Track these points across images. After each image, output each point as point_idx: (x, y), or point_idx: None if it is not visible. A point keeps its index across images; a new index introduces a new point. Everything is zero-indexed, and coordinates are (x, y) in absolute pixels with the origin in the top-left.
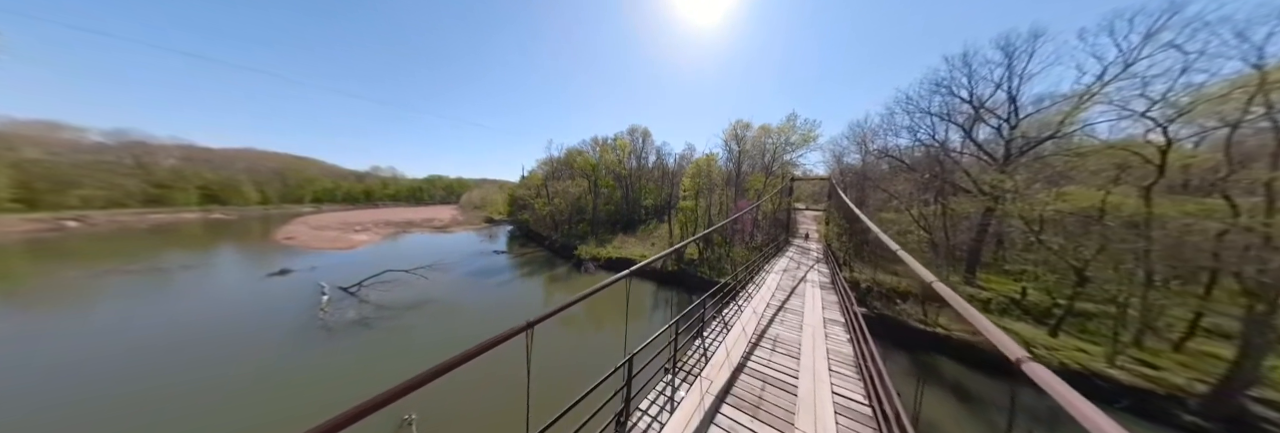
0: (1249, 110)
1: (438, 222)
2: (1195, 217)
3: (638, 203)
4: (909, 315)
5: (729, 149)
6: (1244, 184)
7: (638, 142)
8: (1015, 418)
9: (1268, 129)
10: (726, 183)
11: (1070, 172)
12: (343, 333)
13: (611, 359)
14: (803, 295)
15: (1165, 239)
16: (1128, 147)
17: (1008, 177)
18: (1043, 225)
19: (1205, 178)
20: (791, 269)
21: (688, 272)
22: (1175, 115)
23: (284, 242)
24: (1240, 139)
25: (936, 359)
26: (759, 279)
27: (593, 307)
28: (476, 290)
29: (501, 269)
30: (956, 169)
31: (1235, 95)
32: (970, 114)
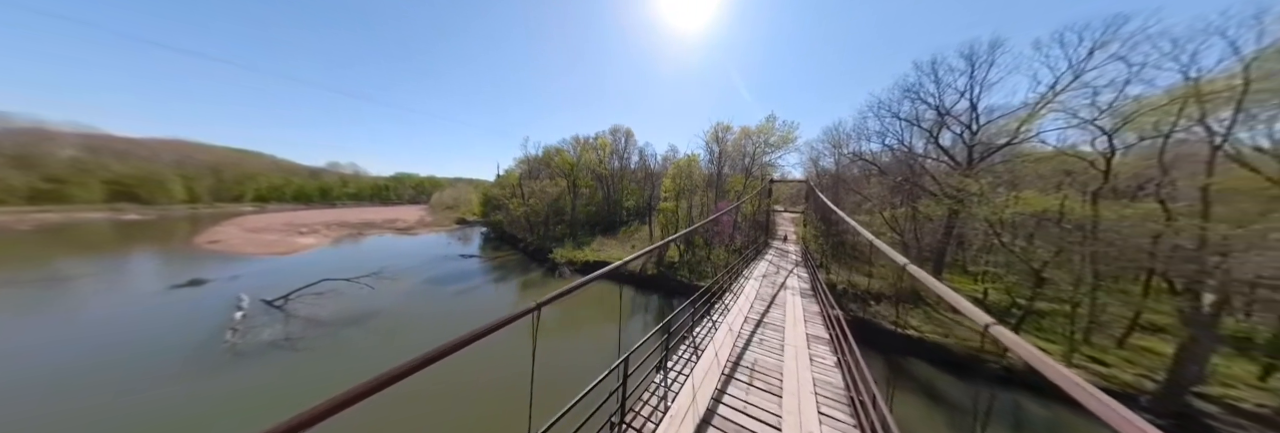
0: (1180, 120)
1: (402, 223)
2: (1132, 220)
3: (619, 204)
4: (883, 317)
5: (710, 150)
6: (1180, 189)
7: (620, 141)
8: (987, 418)
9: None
10: (708, 185)
11: (1027, 177)
12: (253, 358)
13: (589, 366)
14: (783, 306)
15: (1118, 241)
16: (1075, 153)
17: (973, 180)
18: (1003, 228)
19: (1143, 184)
20: (771, 274)
21: (668, 275)
22: (1119, 124)
23: (207, 246)
24: (1185, 147)
25: (910, 362)
26: (737, 287)
27: (570, 312)
28: (434, 300)
29: (468, 275)
30: (924, 173)
31: (1170, 106)
32: (936, 120)
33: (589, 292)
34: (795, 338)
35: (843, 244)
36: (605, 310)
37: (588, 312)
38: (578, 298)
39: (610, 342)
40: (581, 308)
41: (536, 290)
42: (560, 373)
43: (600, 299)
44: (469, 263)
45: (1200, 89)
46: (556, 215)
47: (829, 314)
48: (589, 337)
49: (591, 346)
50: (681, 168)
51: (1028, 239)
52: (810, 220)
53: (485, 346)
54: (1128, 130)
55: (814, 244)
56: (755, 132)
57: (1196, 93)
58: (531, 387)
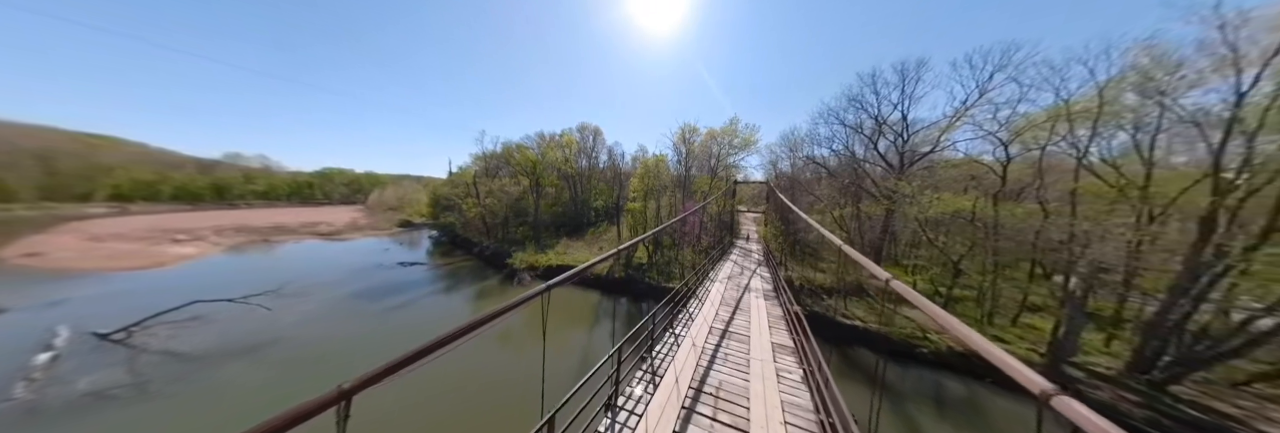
0: (1052, 134)
1: (328, 226)
2: (1020, 218)
3: (587, 205)
4: (833, 310)
5: (678, 151)
6: (1055, 192)
7: (588, 140)
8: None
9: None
10: (676, 185)
11: (945, 180)
12: (61, 418)
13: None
14: (748, 310)
15: (1013, 236)
16: (980, 161)
17: (906, 183)
18: (929, 226)
19: (1024, 187)
20: (736, 275)
21: (635, 278)
22: (1012, 137)
23: (18, 261)
24: (1058, 157)
25: (857, 351)
26: (703, 292)
27: (531, 321)
28: (358, 319)
29: (407, 285)
30: (865, 176)
31: (1047, 122)
32: (875, 128)
33: (554, 299)
34: (761, 350)
35: (799, 242)
36: (571, 317)
37: (551, 319)
38: (537, 305)
39: (574, 355)
40: (543, 315)
41: (491, 301)
42: (509, 392)
43: (564, 305)
44: (410, 272)
45: (1068, 109)
46: (518, 217)
47: (793, 322)
48: (554, 348)
49: (553, 359)
50: (650, 167)
51: (948, 235)
52: (771, 220)
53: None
54: (1017, 142)
55: (774, 243)
56: (720, 133)
57: (1066, 112)
58: (543, 370)
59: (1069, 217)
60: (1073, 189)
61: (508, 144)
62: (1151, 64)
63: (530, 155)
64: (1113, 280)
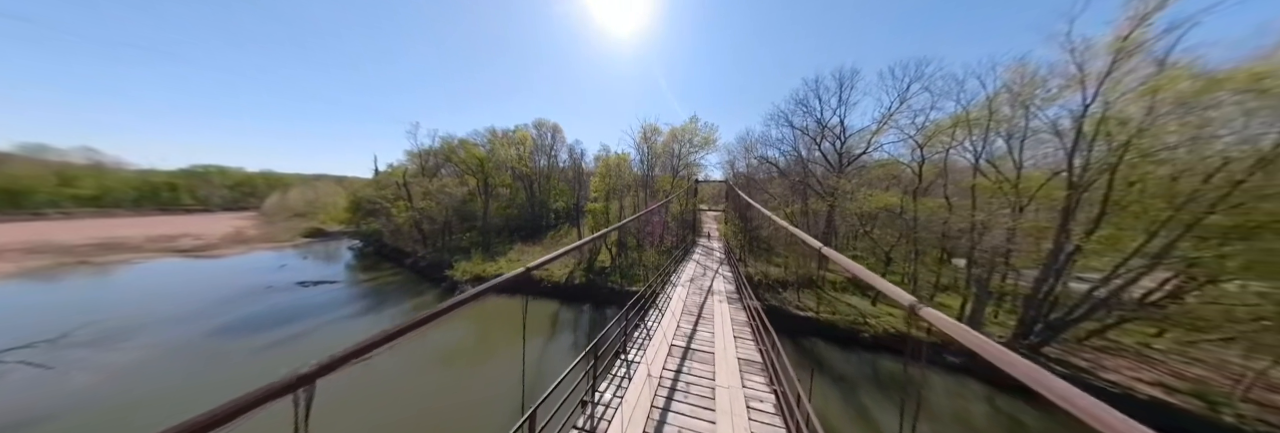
0: (954, 138)
1: (193, 240)
2: (930, 211)
3: (545, 206)
4: (789, 303)
5: (640, 151)
6: (963, 189)
7: (546, 137)
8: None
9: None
10: (640, 185)
11: (874, 179)
12: None
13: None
14: (711, 319)
15: (930, 227)
16: (901, 162)
17: (846, 181)
18: (866, 220)
19: (929, 185)
20: (698, 277)
21: (598, 283)
22: (925, 140)
23: None
24: (961, 158)
25: (812, 341)
26: (664, 301)
27: (485, 332)
28: (206, 368)
29: (303, 312)
30: (811, 175)
31: (951, 128)
32: (818, 130)
33: (507, 308)
34: (727, 372)
35: (757, 238)
36: (524, 331)
37: (501, 330)
38: (490, 315)
39: (517, 381)
40: (495, 325)
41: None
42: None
43: (514, 317)
44: (314, 293)
45: (967, 117)
46: (464, 221)
47: (759, 330)
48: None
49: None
50: (611, 166)
51: (880, 228)
52: (730, 218)
53: None
54: (930, 145)
55: (734, 241)
56: (681, 131)
57: (965, 119)
58: (523, 365)
59: (970, 210)
60: (971, 186)
61: (449, 140)
62: (1022, 81)
63: (477, 152)
64: (999, 262)
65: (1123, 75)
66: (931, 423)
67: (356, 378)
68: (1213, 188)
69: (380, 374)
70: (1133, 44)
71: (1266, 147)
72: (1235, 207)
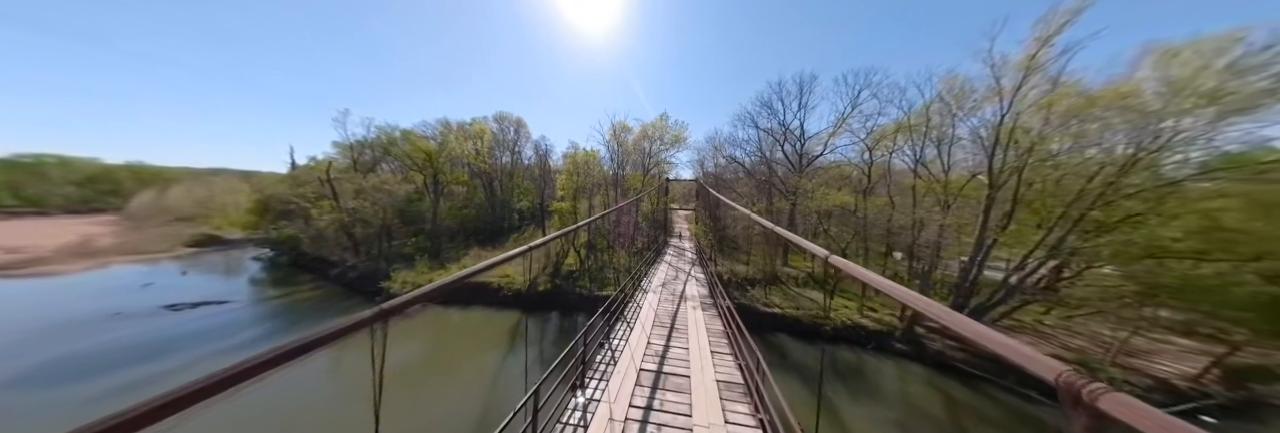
0: (896, 142)
1: (7, 253)
2: (877, 210)
3: (507, 206)
4: (756, 300)
5: (610, 149)
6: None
7: (508, 132)
8: (824, 373)
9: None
10: (610, 184)
11: (830, 180)
12: None
13: None
14: (685, 330)
15: (877, 224)
16: (852, 164)
17: (806, 181)
18: (824, 218)
19: (873, 186)
20: (670, 280)
21: (565, 289)
22: (873, 143)
23: None
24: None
25: (778, 336)
26: (634, 311)
27: (435, 351)
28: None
29: (169, 345)
30: (774, 175)
31: (895, 134)
32: (781, 132)
33: (461, 323)
34: (707, 407)
35: (726, 237)
36: (486, 342)
37: (461, 346)
38: (444, 330)
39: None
40: (449, 342)
41: (354, 355)
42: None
43: (478, 329)
44: (190, 318)
45: (909, 123)
46: (409, 224)
47: (737, 344)
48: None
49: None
50: (579, 164)
51: (837, 225)
52: (701, 217)
53: None
54: (877, 148)
55: (705, 240)
56: (651, 128)
57: (907, 125)
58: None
59: (910, 208)
60: (912, 186)
61: (388, 130)
62: (953, 92)
63: (424, 146)
64: (933, 255)
65: (1028, 90)
66: (880, 405)
67: (264, 409)
68: (1092, 189)
69: (296, 403)
70: (1038, 63)
71: (1123, 154)
72: (1107, 204)
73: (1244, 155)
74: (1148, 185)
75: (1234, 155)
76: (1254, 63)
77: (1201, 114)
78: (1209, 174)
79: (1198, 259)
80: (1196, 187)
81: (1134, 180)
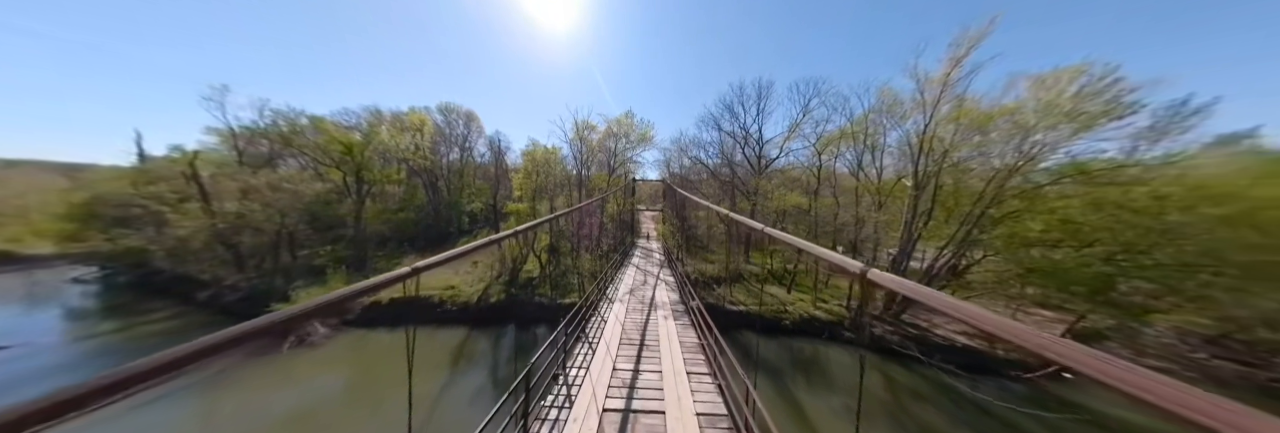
0: (841, 147)
1: None
2: (823, 207)
3: (455, 208)
4: (722, 299)
5: (573, 148)
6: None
7: (456, 125)
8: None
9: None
10: (574, 184)
11: (787, 181)
12: None
13: None
14: (657, 348)
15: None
16: (803, 166)
17: (765, 182)
18: (782, 217)
19: (817, 187)
20: (639, 287)
21: (520, 299)
22: (821, 147)
23: None
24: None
25: (744, 334)
26: (598, 326)
27: (367, 383)
28: None
29: None
30: (736, 177)
31: (840, 139)
32: (742, 135)
33: (392, 345)
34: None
35: (693, 237)
36: (423, 370)
37: (390, 375)
38: (373, 355)
39: None
40: (381, 369)
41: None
42: None
43: (417, 353)
44: None
45: (852, 130)
46: (326, 230)
47: (716, 365)
48: None
49: None
50: (538, 161)
51: (794, 225)
52: (668, 218)
53: None
54: (825, 152)
55: (672, 241)
56: (616, 124)
57: (850, 132)
58: None
59: (853, 207)
60: (856, 188)
61: (289, 116)
62: (887, 103)
63: (342, 136)
64: (872, 249)
65: (943, 104)
66: (837, 394)
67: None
68: (988, 191)
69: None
70: (951, 80)
71: (1009, 161)
72: (998, 204)
73: (1085, 163)
74: (1024, 188)
75: (1077, 163)
76: (1093, 90)
77: (1061, 129)
78: (1061, 179)
79: (1054, 246)
80: (1054, 188)
81: (1015, 183)
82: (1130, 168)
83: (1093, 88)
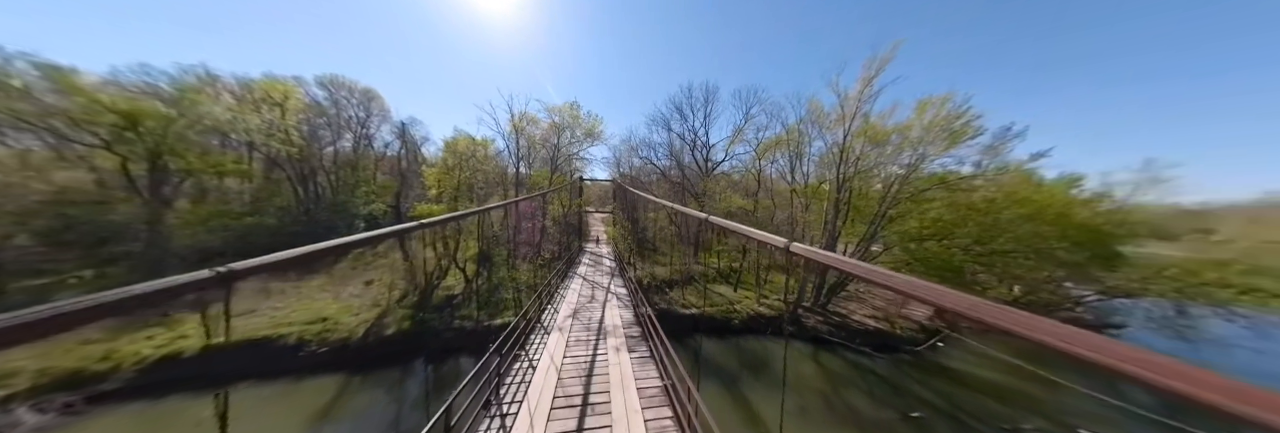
0: (775, 152)
1: None
2: (768, 209)
3: (345, 210)
4: (674, 302)
5: (510, 141)
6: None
7: (348, 106)
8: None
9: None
10: (512, 183)
11: (732, 184)
12: None
13: None
14: (610, 402)
15: (768, 222)
16: (747, 170)
17: (713, 183)
18: (730, 217)
19: (762, 190)
20: (585, 305)
21: (434, 326)
22: (761, 152)
23: None
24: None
25: (698, 339)
26: (526, 366)
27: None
28: None
29: None
30: (684, 178)
31: (777, 146)
32: (691, 137)
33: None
34: None
35: (645, 240)
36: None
37: None
38: None
39: None
40: None
41: None
42: None
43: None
44: None
45: (788, 137)
46: (95, 245)
47: (685, 418)
48: None
49: None
50: (462, 153)
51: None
52: (619, 220)
53: None
54: (765, 157)
55: (623, 244)
56: (559, 114)
57: (785, 140)
58: None
59: (788, 208)
60: (791, 191)
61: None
62: (815, 114)
63: (113, 101)
64: None
65: (857, 118)
66: (789, 393)
67: None
68: (888, 195)
69: None
70: (865, 96)
71: (902, 170)
72: (895, 205)
73: (944, 174)
74: (910, 193)
75: (940, 174)
76: (954, 113)
77: (936, 144)
78: (931, 186)
79: (926, 240)
80: (929, 193)
81: (906, 189)
82: (974, 179)
83: (955, 111)
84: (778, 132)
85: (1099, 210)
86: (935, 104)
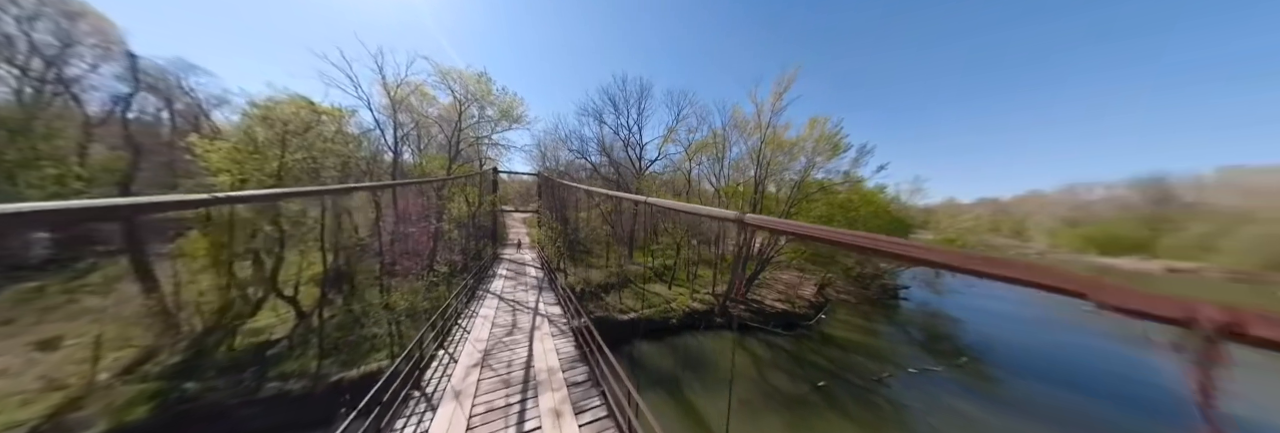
0: (702, 154)
1: None
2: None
3: None
4: (612, 308)
5: (383, 115)
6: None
7: (6, 21)
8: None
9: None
10: (386, 171)
11: (666, 183)
12: None
13: None
14: None
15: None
16: (677, 169)
17: (648, 182)
18: (665, 218)
19: (681, 189)
20: (498, 345)
21: (216, 401)
22: (691, 153)
23: None
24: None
25: (636, 346)
26: (423, 416)
27: None
28: None
29: None
30: (619, 176)
31: (708, 148)
32: (626, 133)
33: None
34: None
35: (578, 242)
36: None
37: None
38: None
39: None
40: None
41: None
42: None
43: None
44: None
45: (713, 141)
46: None
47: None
48: None
49: None
50: (285, 122)
51: (675, 225)
52: (546, 220)
53: None
54: (694, 158)
55: (551, 248)
56: (464, 85)
57: (711, 143)
58: None
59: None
60: (717, 191)
61: None
62: (738, 120)
63: None
64: (721, 241)
65: (769, 128)
66: (721, 382)
67: None
68: (792, 196)
69: None
70: (777, 108)
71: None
72: (794, 205)
73: (823, 181)
74: (805, 194)
75: (820, 181)
76: (832, 132)
77: (824, 154)
78: (816, 191)
79: None
80: (817, 195)
81: (801, 191)
82: (841, 184)
83: (830, 131)
84: (705, 134)
85: (894, 209)
86: (821, 122)
